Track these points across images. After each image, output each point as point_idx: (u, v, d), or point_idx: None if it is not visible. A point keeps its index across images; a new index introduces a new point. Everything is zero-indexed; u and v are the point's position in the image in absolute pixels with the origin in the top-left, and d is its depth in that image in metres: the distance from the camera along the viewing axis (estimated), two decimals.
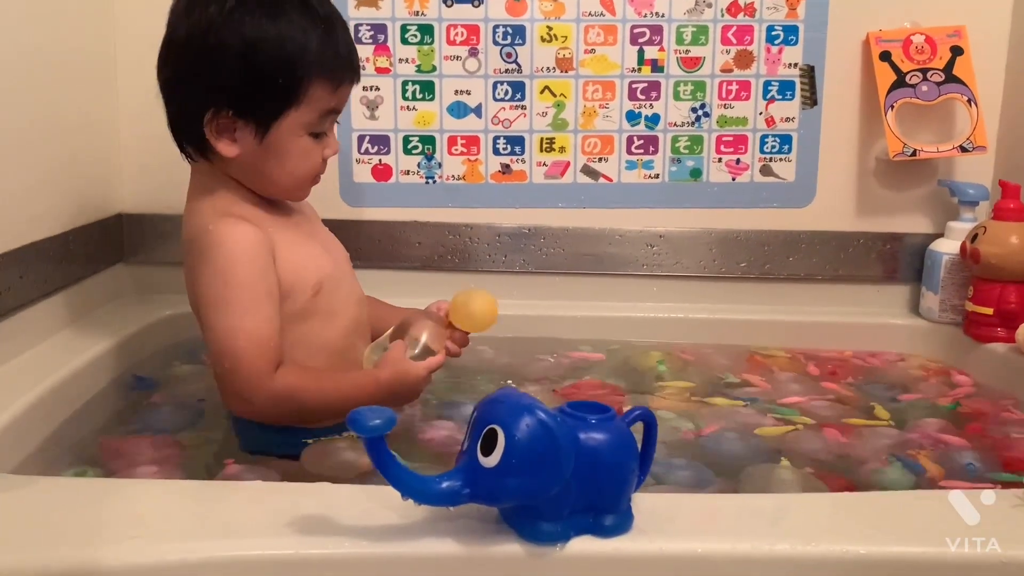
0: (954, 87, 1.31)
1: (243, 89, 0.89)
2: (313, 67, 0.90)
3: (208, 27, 0.88)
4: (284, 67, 0.89)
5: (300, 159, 0.93)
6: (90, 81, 1.25)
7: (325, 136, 0.95)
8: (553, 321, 1.36)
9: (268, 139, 0.91)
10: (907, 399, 1.15)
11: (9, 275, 1.01)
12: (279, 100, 0.90)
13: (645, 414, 0.68)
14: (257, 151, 0.91)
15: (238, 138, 0.91)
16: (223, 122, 0.90)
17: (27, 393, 0.92)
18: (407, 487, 0.61)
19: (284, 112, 0.90)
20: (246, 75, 0.89)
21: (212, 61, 0.89)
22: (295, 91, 0.90)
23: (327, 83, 0.91)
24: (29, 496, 0.71)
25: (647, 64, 1.34)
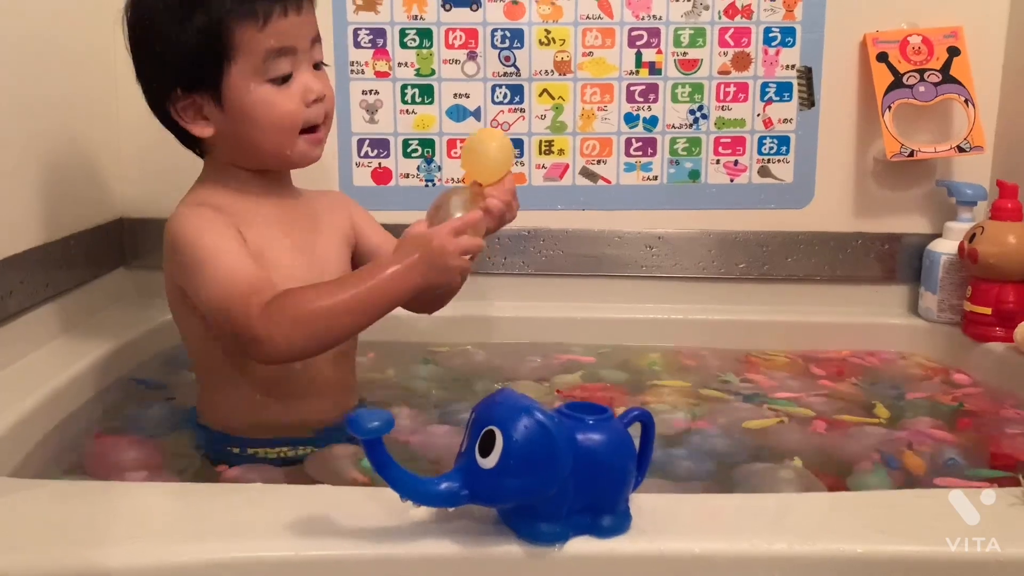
0: (951, 87, 1.32)
1: (176, 63, 0.89)
2: (226, 15, 0.86)
3: (128, 19, 0.91)
4: (197, 28, 0.87)
5: (266, 111, 0.89)
6: (91, 84, 1.26)
7: (292, 80, 0.90)
8: (553, 323, 1.36)
9: (227, 104, 0.89)
10: (911, 397, 1.15)
11: (10, 279, 1.01)
12: (211, 60, 0.88)
13: (643, 415, 0.69)
14: (227, 121, 0.90)
15: (208, 115, 0.91)
16: (184, 104, 0.91)
17: (28, 397, 0.92)
18: (406, 488, 0.62)
19: (223, 70, 0.88)
20: (171, 48, 0.88)
21: (144, 48, 0.91)
22: (219, 44, 0.87)
23: (248, 23, 0.87)
24: (29, 498, 0.71)
25: (645, 67, 1.34)
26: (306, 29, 0.92)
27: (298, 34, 0.91)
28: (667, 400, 1.12)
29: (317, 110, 0.93)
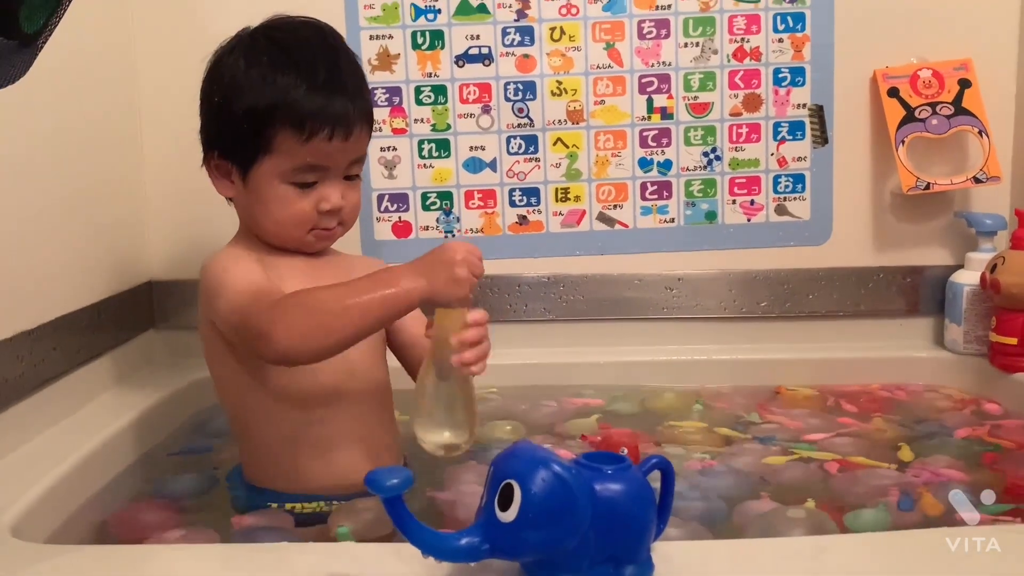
0: (964, 119, 1.32)
1: (222, 133, 0.96)
2: (278, 117, 0.91)
3: (207, 73, 0.97)
4: (249, 114, 0.92)
5: (280, 207, 0.95)
6: (116, 152, 1.30)
7: (314, 188, 0.95)
8: (574, 368, 1.37)
9: (250, 183, 0.96)
10: (951, 435, 1.14)
11: (43, 347, 1.04)
12: (249, 146, 0.94)
13: (662, 462, 0.69)
14: (245, 194, 0.97)
15: (234, 180, 0.97)
16: (217, 164, 0.98)
17: (61, 463, 0.94)
18: (426, 544, 0.62)
19: (257, 158, 0.94)
20: (222, 120, 0.96)
21: (204, 105, 0.98)
22: (262, 138, 0.93)
23: (295, 134, 0.92)
24: (63, 565, 0.72)
25: (656, 112, 1.36)
26: (349, 154, 0.96)
27: (337, 157, 0.95)
28: (685, 441, 1.12)
29: (329, 219, 0.97)
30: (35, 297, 1.05)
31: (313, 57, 0.94)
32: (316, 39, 0.97)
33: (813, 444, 1.11)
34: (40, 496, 0.87)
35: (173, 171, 1.36)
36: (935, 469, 1.01)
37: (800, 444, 1.11)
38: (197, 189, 1.34)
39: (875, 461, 1.04)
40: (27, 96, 1.01)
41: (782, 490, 0.97)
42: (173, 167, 1.36)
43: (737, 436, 1.14)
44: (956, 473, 1.00)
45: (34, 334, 1.02)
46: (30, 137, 1.04)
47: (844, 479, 1.00)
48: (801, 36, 1.35)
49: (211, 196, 1.32)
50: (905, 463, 1.04)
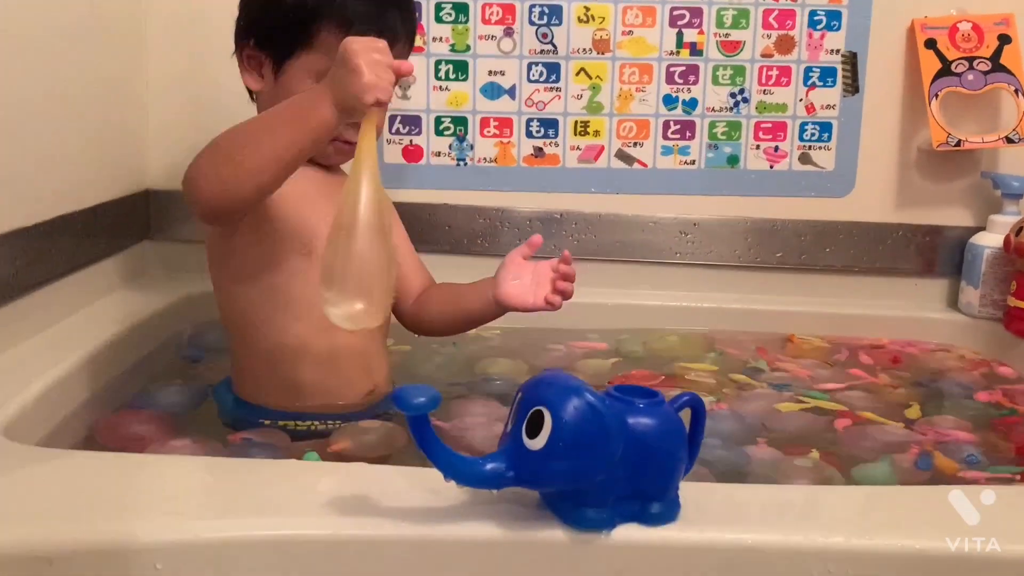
0: (1001, 76, 1.28)
1: (262, 22, 0.93)
2: (325, 12, 0.90)
3: None
4: (298, 5, 0.90)
5: None
6: (119, 55, 1.24)
7: None
8: (583, 308, 1.33)
9: (282, 77, 0.93)
10: (966, 397, 1.12)
11: (38, 247, 1.00)
12: (290, 38, 0.91)
13: (694, 400, 0.66)
14: (274, 89, 0.94)
15: (264, 74, 0.95)
16: (250, 54, 0.95)
17: (55, 367, 0.91)
18: (451, 468, 0.59)
19: (295, 52, 0.92)
20: (265, 8, 0.93)
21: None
22: (305, 31, 0.90)
23: (338, 31, 0.89)
24: (59, 469, 0.69)
25: (686, 47, 1.31)
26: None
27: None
28: (696, 385, 1.10)
29: (352, 132, 0.91)
30: (31, 196, 1.00)
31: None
32: None
33: (826, 393, 1.09)
34: (33, 399, 0.83)
35: (176, 78, 1.30)
36: (943, 430, 0.99)
37: (812, 392, 1.09)
38: (201, 99, 1.31)
39: (883, 418, 1.02)
40: None
41: (785, 439, 0.96)
42: (176, 73, 1.30)
43: (748, 382, 1.12)
44: (964, 434, 0.98)
45: (29, 232, 0.98)
46: (27, 32, 0.99)
47: (851, 433, 0.98)
48: None
49: (217, 105, 1.28)
50: (912, 420, 1.02)
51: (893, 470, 0.89)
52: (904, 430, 0.99)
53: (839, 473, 0.87)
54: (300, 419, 0.93)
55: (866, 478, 0.87)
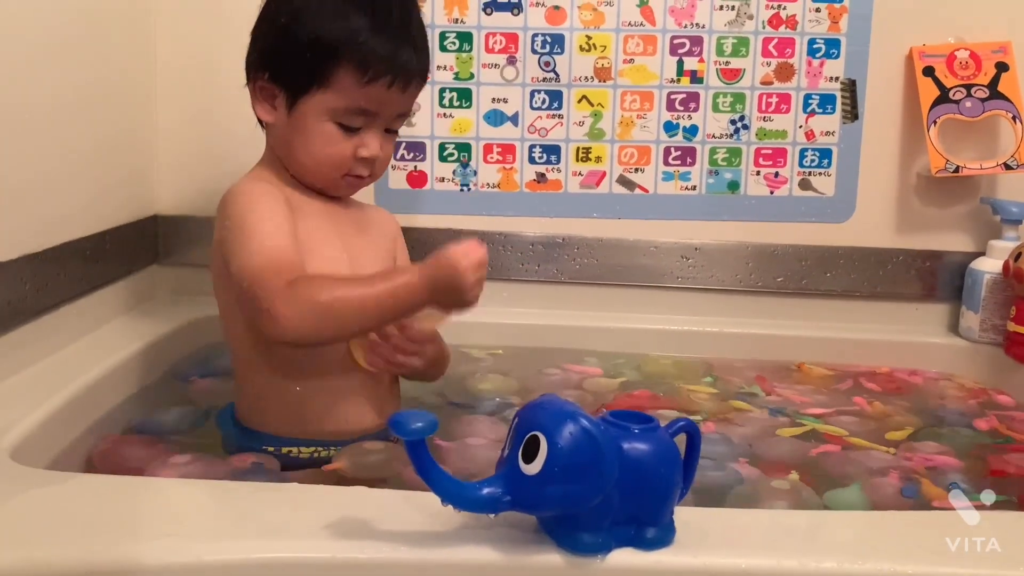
0: (999, 103, 1.29)
1: (279, 57, 0.93)
2: (344, 53, 0.89)
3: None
4: (315, 44, 0.90)
5: (322, 144, 0.93)
6: (129, 82, 1.26)
7: (358, 133, 0.93)
8: (583, 332, 1.35)
9: (295, 112, 0.93)
10: (958, 427, 1.12)
11: (48, 272, 1.01)
12: (306, 76, 0.91)
13: (689, 425, 0.67)
14: (287, 123, 0.94)
15: (276, 106, 0.94)
16: (264, 86, 0.94)
17: (62, 390, 0.92)
18: (447, 492, 0.60)
19: (310, 89, 0.91)
20: (283, 43, 0.92)
21: (265, 24, 0.94)
22: (322, 71, 0.90)
23: (356, 74, 0.90)
24: (64, 492, 0.71)
25: (686, 75, 1.33)
26: (399, 105, 0.95)
27: (389, 106, 0.94)
28: (690, 407, 1.11)
29: (363, 167, 0.96)
30: (41, 221, 1.02)
31: (390, 4, 0.92)
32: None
33: (819, 418, 1.09)
34: (40, 422, 0.85)
35: (185, 105, 1.33)
36: (926, 455, 0.99)
37: (805, 417, 1.10)
38: (210, 123, 1.33)
39: (870, 443, 1.02)
40: (36, 16, 0.98)
41: (768, 462, 0.96)
42: (185, 100, 1.32)
43: (744, 407, 1.13)
44: (948, 459, 0.99)
45: (39, 258, 1.00)
46: (40, 62, 1.01)
47: (834, 458, 0.99)
48: (839, 7, 1.31)
49: (225, 131, 1.30)
50: (897, 446, 1.02)
51: (864, 494, 0.89)
52: (887, 455, 0.99)
53: (816, 496, 0.88)
54: (304, 445, 0.94)
55: (837, 502, 0.88)
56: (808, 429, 1.06)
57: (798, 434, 1.04)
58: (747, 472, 0.93)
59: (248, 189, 0.93)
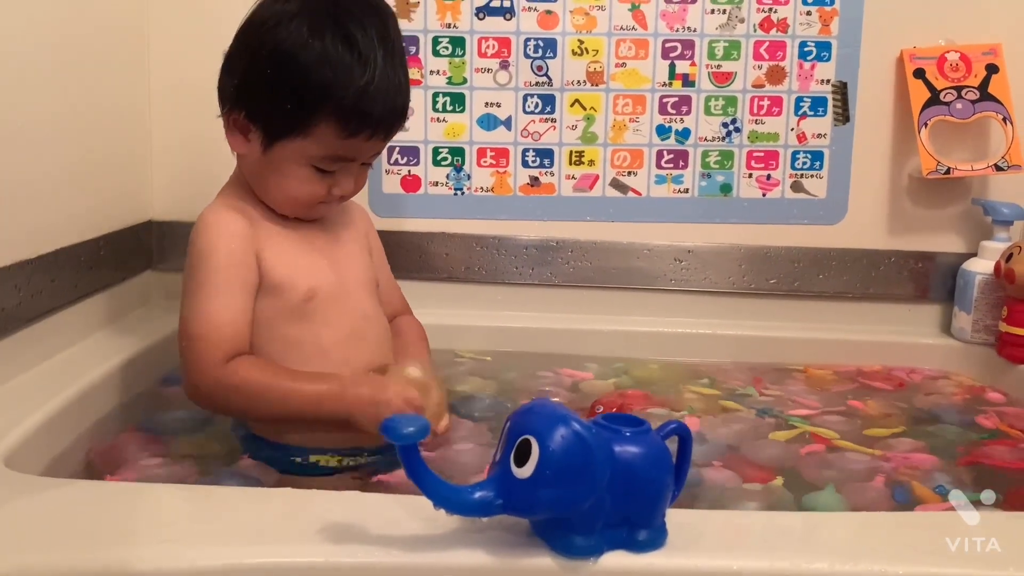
0: (989, 105, 1.30)
1: (259, 97, 0.90)
2: (327, 107, 0.87)
3: (260, 23, 0.90)
4: (297, 93, 0.87)
5: (298, 185, 0.93)
6: (123, 88, 1.26)
7: (334, 174, 0.93)
8: (577, 335, 1.35)
9: (271, 153, 0.91)
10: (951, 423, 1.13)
11: (41, 279, 1.02)
12: (286, 123, 0.89)
13: (680, 428, 0.67)
14: (261, 158, 0.92)
15: (250, 139, 0.92)
16: (237, 119, 0.92)
17: (56, 397, 0.92)
18: (439, 496, 0.61)
19: (289, 136, 0.90)
20: (264, 85, 0.89)
21: (246, 59, 0.91)
22: (303, 121, 0.88)
23: (337, 128, 0.88)
24: (58, 498, 0.71)
25: (678, 78, 1.33)
26: (378, 148, 0.95)
27: (367, 152, 0.94)
28: (679, 406, 1.12)
29: (336, 198, 0.96)
30: (35, 227, 1.02)
31: (374, 46, 0.88)
32: (377, 24, 0.90)
33: (807, 419, 1.10)
34: (34, 428, 0.85)
35: (180, 110, 1.33)
36: (905, 453, 1.00)
37: (794, 418, 1.10)
38: (204, 129, 1.32)
39: (855, 444, 1.02)
40: (31, 22, 0.98)
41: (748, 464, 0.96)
42: (180, 105, 1.33)
43: (734, 406, 1.13)
44: (927, 457, 0.99)
45: (33, 264, 1.00)
46: (34, 65, 1.01)
47: (817, 459, 0.99)
48: (830, 10, 1.32)
49: (219, 139, 1.30)
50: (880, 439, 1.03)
51: (840, 496, 0.89)
52: (869, 456, 0.99)
53: (790, 498, 0.88)
54: (330, 454, 0.93)
55: (813, 505, 0.88)
56: (799, 432, 1.06)
57: (786, 437, 1.04)
58: (721, 475, 0.93)
59: (214, 220, 0.92)
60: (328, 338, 0.95)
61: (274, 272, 0.93)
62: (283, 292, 0.93)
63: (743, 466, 0.95)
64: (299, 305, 0.93)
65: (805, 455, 0.99)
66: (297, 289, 0.93)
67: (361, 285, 1.01)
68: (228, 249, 0.91)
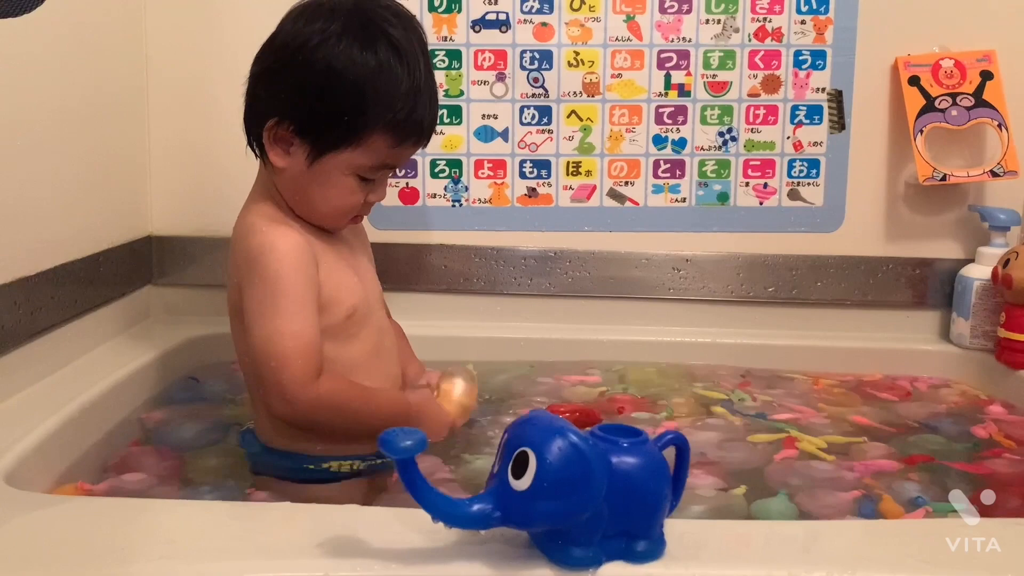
0: (984, 111, 1.30)
1: (310, 112, 0.90)
2: (382, 118, 0.89)
3: (304, 42, 0.89)
4: (354, 106, 0.89)
5: (342, 195, 0.94)
6: (122, 104, 1.27)
7: (373, 182, 0.95)
8: (577, 345, 1.35)
9: (317, 166, 0.92)
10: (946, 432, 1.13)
11: (41, 295, 1.02)
12: (339, 135, 0.90)
13: (678, 438, 0.68)
14: (304, 172, 0.92)
15: (292, 152, 0.92)
16: (282, 133, 0.92)
17: (57, 413, 0.92)
18: (438, 509, 0.61)
19: (340, 147, 0.91)
20: (317, 100, 0.90)
21: (294, 75, 0.90)
22: (357, 133, 0.90)
23: (390, 137, 0.91)
24: (60, 515, 0.71)
25: (674, 88, 1.34)
26: (413, 153, 0.98)
27: (407, 158, 0.97)
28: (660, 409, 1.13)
29: (369, 208, 0.99)
30: (35, 244, 1.02)
31: (417, 58, 0.91)
32: (417, 37, 0.93)
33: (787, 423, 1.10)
34: (35, 445, 0.85)
35: (178, 125, 1.33)
36: (867, 461, 1.00)
37: (778, 423, 1.10)
38: (204, 145, 1.34)
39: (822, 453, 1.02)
40: (30, 38, 0.99)
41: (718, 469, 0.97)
42: (179, 121, 1.33)
43: (722, 412, 1.14)
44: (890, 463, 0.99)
45: (32, 281, 1.00)
46: (33, 81, 1.02)
47: (784, 465, 0.99)
48: (824, 19, 1.33)
49: (218, 152, 1.31)
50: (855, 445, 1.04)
51: (793, 504, 0.89)
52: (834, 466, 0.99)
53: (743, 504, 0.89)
54: (343, 459, 0.95)
55: (764, 512, 0.88)
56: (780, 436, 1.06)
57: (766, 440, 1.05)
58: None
59: (273, 240, 0.91)
60: (358, 354, 0.96)
61: (324, 289, 0.93)
62: (329, 309, 0.93)
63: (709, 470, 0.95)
64: (341, 323, 0.94)
65: (779, 460, 0.99)
66: (342, 306, 0.94)
67: (379, 298, 1.04)
68: (299, 268, 0.90)
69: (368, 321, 0.98)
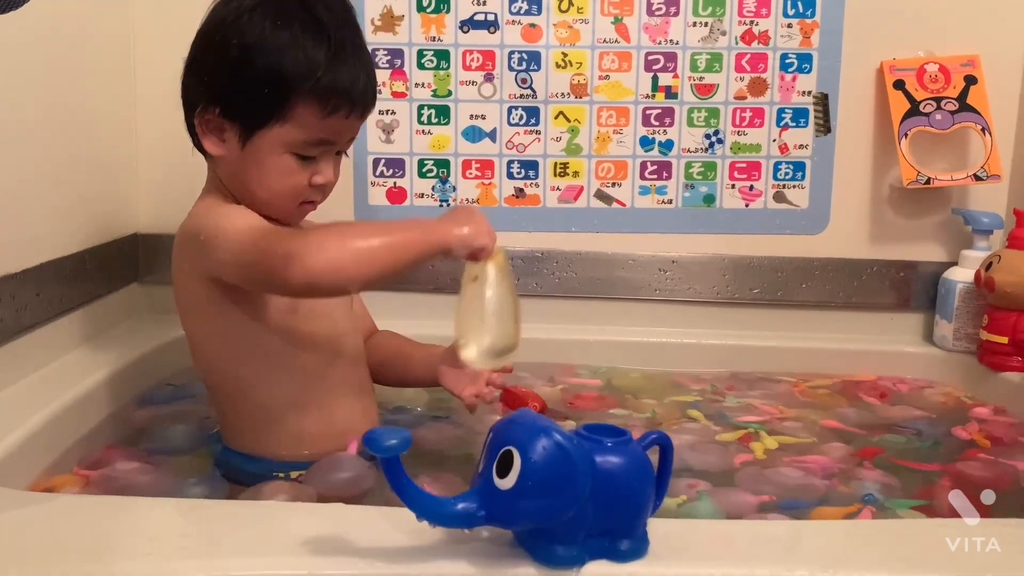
0: (968, 116, 1.32)
1: (232, 92, 0.90)
2: (303, 87, 0.88)
3: (219, 23, 0.90)
4: (273, 79, 0.87)
5: (279, 176, 0.91)
6: (108, 101, 1.27)
7: (314, 161, 0.92)
8: (564, 345, 1.36)
9: (250, 146, 0.90)
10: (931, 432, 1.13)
11: (26, 293, 1.02)
12: (264, 110, 0.89)
13: (661, 438, 0.68)
14: (240, 156, 0.91)
15: (226, 139, 0.91)
16: (211, 119, 0.91)
17: (42, 410, 0.92)
18: (422, 508, 0.61)
19: (267, 124, 0.89)
20: (237, 78, 0.89)
21: (213, 57, 0.90)
22: (280, 105, 0.88)
23: (316, 107, 0.89)
24: (42, 513, 0.71)
25: (661, 91, 1.35)
26: (354, 130, 0.95)
27: (346, 133, 0.94)
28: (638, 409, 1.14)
29: (317, 193, 0.95)
30: (20, 241, 1.02)
31: (341, 28, 0.90)
32: (340, 8, 0.92)
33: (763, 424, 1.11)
34: (19, 443, 0.85)
35: (164, 123, 1.31)
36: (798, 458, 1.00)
37: (752, 424, 1.11)
38: (191, 143, 1.33)
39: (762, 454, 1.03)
40: (15, 35, 0.98)
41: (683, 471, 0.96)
42: (165, 118, 1.32)
43: (696, 415, 1.14)
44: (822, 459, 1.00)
45: (17, 278, 1.00)
46: (19, 77, 1.01)
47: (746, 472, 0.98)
48: (811, 22, 1.33)
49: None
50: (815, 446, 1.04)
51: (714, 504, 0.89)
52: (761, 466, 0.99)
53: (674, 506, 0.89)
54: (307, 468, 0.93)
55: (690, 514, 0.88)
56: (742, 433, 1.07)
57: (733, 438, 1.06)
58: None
59: (204, 209, 0.93)
60: (308, 352, 0.95)
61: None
62: (269, 301, 0.93)
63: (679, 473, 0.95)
64: (283, 317, 0.93)
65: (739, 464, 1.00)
66: (282, 299, 0.93)
67: (339, 302, 1.01)
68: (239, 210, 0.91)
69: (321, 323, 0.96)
